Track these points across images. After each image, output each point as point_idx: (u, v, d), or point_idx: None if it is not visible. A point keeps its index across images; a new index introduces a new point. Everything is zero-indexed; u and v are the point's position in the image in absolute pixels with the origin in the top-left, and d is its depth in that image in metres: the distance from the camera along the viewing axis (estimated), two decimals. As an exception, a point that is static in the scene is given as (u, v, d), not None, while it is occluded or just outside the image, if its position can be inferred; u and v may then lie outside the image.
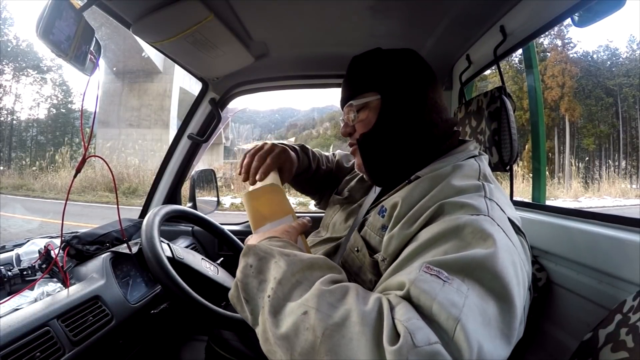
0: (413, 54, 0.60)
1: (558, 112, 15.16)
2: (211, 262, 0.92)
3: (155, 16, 0.74)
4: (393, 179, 0.58)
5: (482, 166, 0.52)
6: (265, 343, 0.37)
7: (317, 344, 0.33)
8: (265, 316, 0.37)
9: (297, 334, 0.34)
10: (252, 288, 0.41)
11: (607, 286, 0.60)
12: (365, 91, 0.58)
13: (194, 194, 1.24)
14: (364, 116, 0.57)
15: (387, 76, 0.57)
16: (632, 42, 16.16)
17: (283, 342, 0.35)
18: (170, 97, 11.57)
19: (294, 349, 0.34)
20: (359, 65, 0.60)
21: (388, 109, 0.56)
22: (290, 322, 0.35)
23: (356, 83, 0.59)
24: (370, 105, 0.57)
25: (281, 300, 0.37)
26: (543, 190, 1.30)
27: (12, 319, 0.58)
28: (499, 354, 0.34)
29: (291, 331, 0.35)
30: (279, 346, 0.35)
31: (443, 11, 0.82)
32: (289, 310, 0.36)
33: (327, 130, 31.22)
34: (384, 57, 0.59)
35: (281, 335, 0.35)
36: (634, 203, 9.70)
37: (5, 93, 14.12)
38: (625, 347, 0.42)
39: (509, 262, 0.38)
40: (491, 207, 0.44)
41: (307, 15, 0.85)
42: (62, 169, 9.83)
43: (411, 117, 0.55)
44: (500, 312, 0.35)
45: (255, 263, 0.42)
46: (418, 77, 0.57)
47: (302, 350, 0.33)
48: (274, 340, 0.36)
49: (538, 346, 0.73)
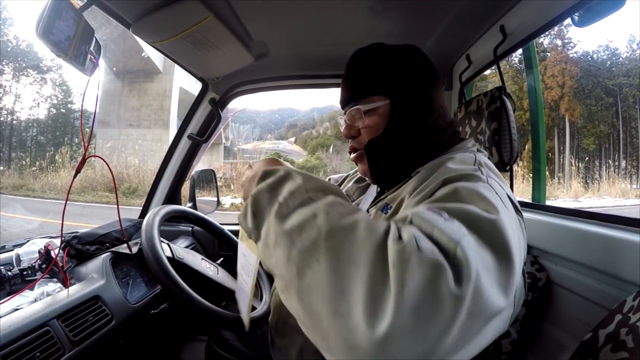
0: (418, 52, 0.58)
1: (558, 112, 15.15)
2: (211, 262, 0.92)
3: (155, 16, 0.74)
4: (395, 178, 0.58)
5: (478, 156, 0.52)
6: (264, 249, 0.37)
7: (320, 241, 0.32)
8: (271, 219, 0.36)
9: (301, 230, 0.33)
10: (263, 201, 0.39)
11: (607, 286, 0.60)
12: (372, 94, 0.56)
13: (194, 194, 1.24)
14: (371, 121, 0.56)
15: (396, 79, 0.55)
16: (632, 42, 16.15)
17: (284, 237, 0.34)
18: (170, 97, 11.56)
19: (294, 244, 0.33)
20: (364, 64, 0.57)
21: (398, 115, 0.55)
22: (296, 220, 0.34)
23: (362, 84, 0.57)
24: (379, 110, 0.55)
25: (290, 209, 0.36)
26: (543, 190, 1.31)
27: (12, 319, 0.57)
28: (496, 300, 0.32)
29: (295, 227, 0.34)
30: (278, 244, 0.34)
31: (443, 11, 0.82)
32: (297, 214, 0.35)
33: (327, 130, 31.18)
34: (390, 56, 0.57)
35: (284, 231, 0.34)
36: (634, 203, 9.69)
37: (5, 93, 14.12)
38: (625, 347, 0.42)
39: (508, 224, 0.37)
40: (490, 182, 0.45)
41: (307, 15, 0.85)
42: (62, 169, 9.83)
43: (420, 123, 0.55)
44: (498, 264, 0.33)
45: (272, 180, 0.41)
46: (425, 80, 0.56)
47: (301, 247, 0.33)
48: (275, 238, 0.35)
49: (538, 346, 0.73)
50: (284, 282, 0.34)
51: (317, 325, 0.31)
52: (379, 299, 0.29)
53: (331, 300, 0.30)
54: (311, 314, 0.31)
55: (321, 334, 0.31)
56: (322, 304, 0.30)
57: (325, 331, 0.30)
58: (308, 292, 0.31)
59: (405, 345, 0.27)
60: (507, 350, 0.72)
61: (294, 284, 0.32)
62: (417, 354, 0.28)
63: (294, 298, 0.33)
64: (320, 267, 0.31)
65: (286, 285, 0.34)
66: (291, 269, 0.33)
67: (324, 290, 0.30)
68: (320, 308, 0.30)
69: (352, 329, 0.28)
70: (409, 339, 0.28)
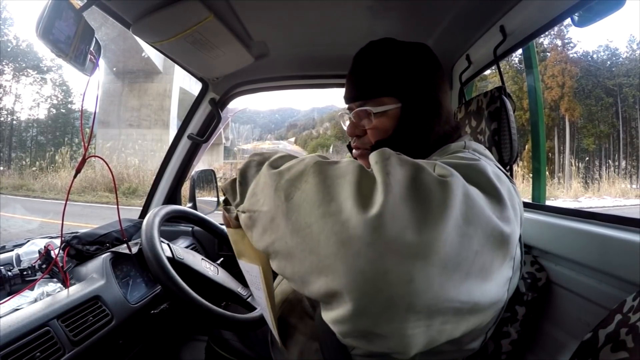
0: (429, 52, 0.56)
1: (558, 112, 15.16)
2: (211, 263, 0.92)
3: (155, 16, 0.74)
4: None
5: (468, 143, 0.52)
6: (251, 197, 0.38)
7: (307, 169, 0.34)
8: (263, 168, 0.39)
9: (290, 168, 0.36)
10: (250, 173, 0.42)
11: (607, 286, 0.60)
12: (383, 95, 0.53)
13: (194, 194, 1.24)
14: (379, 123, 0.54)
15: (408, 81, 0.53)
16: (632, 42, 16.18)
17: (274, 176, 0.36)
18: (170, 97, 11.56)
19: (282, 177, 0.35)
20: (375, 61, 0.55)
21: (408, 118, 0.53)
22: (286, 165, 0.37)
23: (373, 83, 0.54)
24: (388, 112, 0.53)
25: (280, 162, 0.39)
26: (543, 190, 1.31)
27: (12, 319, 0.57)
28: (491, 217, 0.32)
29: (284, 168, 0.36)
30: (266, 183, 0.36)
31: (443, 11, 0.82)
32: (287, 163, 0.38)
33: (327, 131, 31.22)
34: (403, 55, 0.54)
35: (273, 172, 0.36)
36: (634, 203, 9.69)
37: (5, 93, 14.13)
38: (625, 347, 0.42)
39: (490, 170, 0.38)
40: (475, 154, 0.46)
41: (307, 16, 0.85)
42: (62, 169, 9.82)
43: (429, 127, 0.54)
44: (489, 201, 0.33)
45: (259, 158, 0.44)
46: (436, 83, 0.55)
47: (290, 176, 0.34)
48: (264, 180, 0.37)
49: (538, 346, 0.73)
50: (270, 214, 0.34)
51: (305, 238, 0.30)
52: (367, 189, 0.30)
53: (320, 204, 0.30)
54: (299, 229, 0.31)
55: (310, 247, 0.30)
56: (311, 211, 0.30)
57: (315, 239, 0.29)
58: (297, 209, 0.32)
59: (400, 226, 0.27)
60: (507, 350, 0.72)
61: (281, 208, 0.33)
62: (415, 232, 0.27)
63: (281, 222, 0.33)
64: (308, 184, 0.32)
65: (272, 216, 0.34)
66: (279, 196, 0.34)
67: (313, 200, 0.31)
68: (308, 217, 0.30)
69: (344, 221, 0.28)
70: (403, 219, 0.27)
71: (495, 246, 0.32)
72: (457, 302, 0.29)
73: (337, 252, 0.28)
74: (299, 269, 0.31)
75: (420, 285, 0.27)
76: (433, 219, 0.28)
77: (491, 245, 0.31)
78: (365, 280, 0.27)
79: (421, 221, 0.27)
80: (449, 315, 0.30)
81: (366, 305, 0.27)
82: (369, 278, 0.27)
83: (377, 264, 0.27)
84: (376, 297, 0.27)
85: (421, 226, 0.27)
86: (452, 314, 0.30)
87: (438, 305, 0.28)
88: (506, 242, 0.33)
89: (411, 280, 0.26)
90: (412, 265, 0.26)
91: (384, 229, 0.26)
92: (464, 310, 0.31)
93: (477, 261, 0.30)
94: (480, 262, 0.30)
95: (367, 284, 0.27)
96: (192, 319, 1.01)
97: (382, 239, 0.26)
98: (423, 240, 0.27)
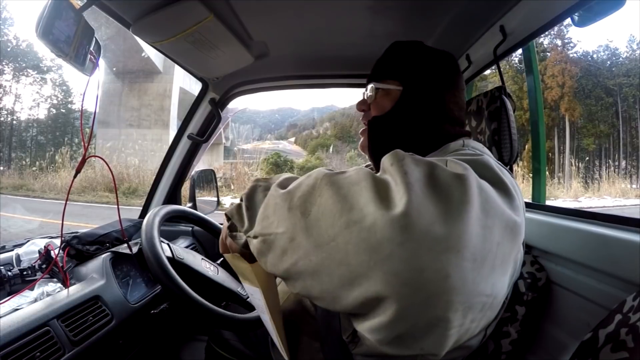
0: (448, 59, 0.61)
1: (558, 112, 15.15)
2: (211, 262, 0.92)
3: (155, 16, 0.74)
4: None
5: (466, 142, 0.54)
6: (263, 221, 0.37)
7: (318, 183, 0.33)
8: (271, 191, 0.38)
9: (300, 185, 0.35)
10: (257, 198, 0.41)
11: (607, 286, 0.60)
12: (390, 78, 0.60)
13: (194, 194, 1.24)
14: (381, 101, 0.60)
15: (415, 73, 0.58)
16: (632, 42, 16.16)
17: (284, 195, 0.35)
18: (170, 97, 11.56)
19: (293, 196, 0.34)
20: (396, 52, 0.62)
21: (405, 102, 0.58)
22: (294, 183, 0.37)
23: (386, 67, 0.61)
24: (391, 93, 0.59)
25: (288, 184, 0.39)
26: (543, 190, 1.31)
27: (12, 319, 0.57)
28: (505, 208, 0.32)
29: (294, 187, 0.36)
30: (278, 205, 0.35)
31: (443, 11, 0.82)
32: (295, 182, 0.38)
33: (327, 130, 31.20)
34: (420, 53, 0.60)
35: (284, 192, 0.36)
36: (634, 203, 9.69)
37: (5, 93, 14.12)
38: (625, 347, 0.42)
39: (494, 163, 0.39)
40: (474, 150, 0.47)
41: (307, 15, 0.85)
42: (62, 169, 9.83)
43: (424, 119, 0.57)
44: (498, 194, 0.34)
45: (264, 183, 0.43)
46: (442, 83, 0.59)
47: (301, 193, 0.34)
48: (275, 201, 0.36)
49: (538, 346, 0.73)
50: (287, 235, 0.33)
51: (331, 252, 0.29)
52: (385, 192, 0.29)
53: (341, 215, 0.29)
54: (322, 243, 0.30)
55: (339, 259, 0.29)
56: (333, 224, 0.30)
57: (343, 250, 0.29)
58: (317, 223, 0.31)
59: (427, 221, 0.26)
60: (507, 350, 0.72)
61: (299, 226, 0.32)
62: (442, 225, 0.27)
63: (302, 240, 0.32)
64: (323, 197, 0.31)
65: (291, 236, 0.33)
66: (295, 214, 0.33)
67: (332, 212, 0.30)
68: (331, 230, 0.30)
69: (370, 226, 0.27)
70: (429, 213, 0.27)
71: (512, 237, 0.32)
72: (484, 296, 0.29)
73: (369, 258, 0.27)
74: (328, 285, 0.30)
75: (456, 281, 0.26)
76: (457, 212, 0.27)
77: (508, 236, 0.31)
78: (402, 283, 0.26)
79: (447, 214, 0.27)
80: (477, 311, 0.29)
81: (406, 308, 0.27)
82: (406, 279, 0.26)
83: (412, 263, 0.26)
84: (415, 298, 0.26)
85: (448, 219, 0.27)
86: (479, 309, 0.29)
87: (471, 300, 0.28)
88: (518, 232, 0.33)
89: (447, 276, 0.26)
90: (446, 260, 0.26)
91: (413, 226, 0.26)
92: (487, 304, 0.30)
93: (499, 253, 0.30)
94: (501, 253, 0.30)
95: (404, 286, 0.26)
96: (192, 319, 1.01)
97: (413, 236, 0.26)
98: (452, 232, 0.27)
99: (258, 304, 0.52)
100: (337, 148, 17.72)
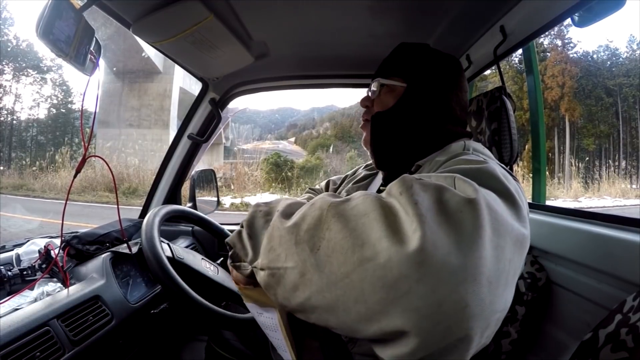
0: (452, 61, 0.63)
1: (558, 112, 15.15)
2: (211, 262, 0.92)
3: (155, 16, 0.74)
4: (394, 166, 0.61)
5: (468, 143, 0.55)
6: (269, 253, 0.36)
7: (324, 215, 0.32)
8: (274, 222, 0.37)
9: (305, 217, 0.34)
10: (258, 225, 0.40)
11: (607, 286, 0.60)
12: (395, 75, 0.61)
13: (194, 194, 1.24)
14: (385, 97, 0.61)
15: (419, 71, 0.60)
16: (632, 42, 16.16)
17: (290, 229, 0.34)
18: (170, 97, 11.56)
19: (299, 228, 0.33)
20: (402, 51, 0.64)
21: (408, 99, 0.59)
22: (298, 214, 0.35)
23: (391, 64, 0.63)
24: (394, 89, 0.60)
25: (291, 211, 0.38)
26: (543, 190, 1.31)
27: (12, 318, 0.57)
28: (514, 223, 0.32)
29: (299, 219, 0.34)
30: (283, 238, 0.34)
31: (443, 11, 0.82)
32: (298, 211, 0.36)
33: (327, 130, 31.18)
34: (425, 54, 0.62)
35: (289, 226, 0.34)
36: (634, 203, 9.69)
37: (5, 93, 14.12)
38: (625, 347, 0.42)
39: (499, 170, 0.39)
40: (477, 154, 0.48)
41: (307, 15, 0.85)
42: (62, 169, 9.82)
43: (426, 117, 0.59)
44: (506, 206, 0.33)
45: (265, 209, 0.42)
46: (446, 83, 0.60)
47: (308, 227, 0.32)
48: (279, 234, 0.35)
49: (538, 346, 0.73)
50: (298, 270, 0.32)
51: (346, 290, 0.29)
52: (399, 223, 0.28)
53: (353, 251, 0.29)
54: (336, 281, 0.29)
55: (354, 297, 0.28)
56: (345, 260, 0.29)
57: (358, 288, 0.28)
58: (328, 260, 0.30)
59: (443, 253, 0.26)
60: (507, 350, 0.72)
61: (309, 262, 0.31)
62: (458, 255, 0.26)
63: (314, 276, 0.31)
64: (332, 232, 0.31)
65: (301, 271, 0.32)
66: (303, 249, 0.32)
67: (343, 248, 0.29)
68: (344, 267, 0.29)
69: (385, 264, 0.27)
70: (444, 245, 0.27)
71: (521, 250, 0.32)
72: (499, 312, 0.29)
73: (387, 296, 0.27)
74: (345, 319, 0.30)
75: (474, 308, 0.26)
76: (471, 239, 0.27)
77: (518, 250, 0.32)
78: (421, 317, 0.26)
79: (461, 243, 0.27)
80: (493, 326, 0.30)
81: (427, 339, 0.26)
82: (425, 314, 0.26)
83: (430, 298, 0.26)
84: (435, 330, 0.26)
85: (463, 248, 0.27)
86: (494, 324, 0.30)
87: (489, 320, 0.28)
88: (526, 244, 0.34)
89: (466, 306, 0.26)
90: (464, 290, 0.26)
91: (430, 261, 0.26)
92: (502, 317, 0.31)
93: (511, 269, 0.30)
94: (513, 268, 0.31)
95: (424, 320, 0.26)
96: (192, 319, 1.01)
97: (430, 271, 0.26)
98: (468, 262, 0.27)
99: (268, 323, 0.50)
100: (337, 148, 17.70)
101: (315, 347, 0.56)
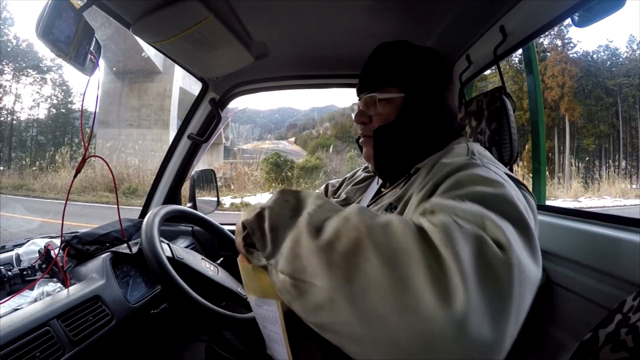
0: (438, 56, 0.61)
1: (558, 112, 15.14)
2: (211, 262, 0.92)
3: (155, 16, 0.74)
4: (395, 172, 0.60)
5: (470, 146, 0.54)
6: (294, 260, 0.33)
7: (362, 239, 0.30)
8: (301, 229, 0.34)
9: (339, 236, 0.31)
10: (284, 219, 0.37)
11: (607, 286, 0.60)
12: (389, 85, 0.59)
13: (194, 194, 1.24)
14: (383, 110, 0.59)
15: (414, 76, 0.58)
16: (632, 42, 16.15)
17: (322, 248, 0.31)
18: (170, 97, 11.56)
19: (334, 249, 0.31)
20: (386, 56, 0.60)
21: (409, 108, 0.58)
22: (331, 230, 0.32)
23: (381, 74, 0.60)
24: (392, 101, 0.58)
25: (321, 219, 0.35)
26: (543, 190, 1.31)
27: (12, 318, 0.57)
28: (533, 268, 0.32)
29: (333, 236, 0.32)
30: (312, 252, 0.32)
31: (443, 11, 0.82)
32: (330, 223, 0.34)
33: (327, 130, 31.16)
34: (412, 54, 0.60)
35: (321, 244, 0.32)
36: (634, 203, 9.69)
37: (5, 93, 14.11)
38: (625, 347, 0.42)
39: (515, 196, 0.38)
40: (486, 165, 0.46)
41: (307, 15, 0.85)
42: (62, 169, 9.83)
43: (429, 121, 0.58)
44: (520, 234, 0.33)
45: (293, 202, 0.39)
46: (441, 83, 0.59)
47: (344, 250, 0.30)
48: (309, 247, 0.32)
49: (538, 346, 0.73)
50: (326, 292, 0.30)
51: (380, 331, 0.28)
52: (443, 279, 0.27)
53: (394, 294, 0.27)
54: (371, 320, 0.28)
55: (388, 339, 0.27)
56: (384, 301, 0.27)
57: (394, 333, 0.27)
58: (363, 295, 0.28)
59: (481, 319, 0.26)
60: (507, 350, 0.72)
61: (342, 291, 0.29)
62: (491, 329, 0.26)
63: (345, 307, 0.29)
64: (370, 264, 0.29)
65: (331, 297, 0.30)
66: (336, 275, 0.30)
67: (383, 287, 0.28)
68: (382, 308, 0.27)
69: (428, 318, 0.26)
70: (482, 312, 0.26)
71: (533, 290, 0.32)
72: None
73: (423, 350, 0.26)
74: (372, 354, 0.29)
75: None
76: (505, 308, 0.28)
77: (533, 291, 0.32)
78: None
79: (496, 313, 0.27)
80: None
81: None
82: None
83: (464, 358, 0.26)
84: None
85: (496, 319, 0.27)
86: None
87: None
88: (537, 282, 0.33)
89: None
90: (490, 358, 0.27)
91: (469, 327, 0.26)
92: None
93: (525, 309, 0.31)
94: (527, 308, 0.31)
95: None
96: (192, 319, 1.01)
97: (467, 338, 0.26)
98: (499, 335, 0.27)
99: (266, 315, 0.49)
100: (337, 148, 17.68)
101: (314, 346, 0.56)
